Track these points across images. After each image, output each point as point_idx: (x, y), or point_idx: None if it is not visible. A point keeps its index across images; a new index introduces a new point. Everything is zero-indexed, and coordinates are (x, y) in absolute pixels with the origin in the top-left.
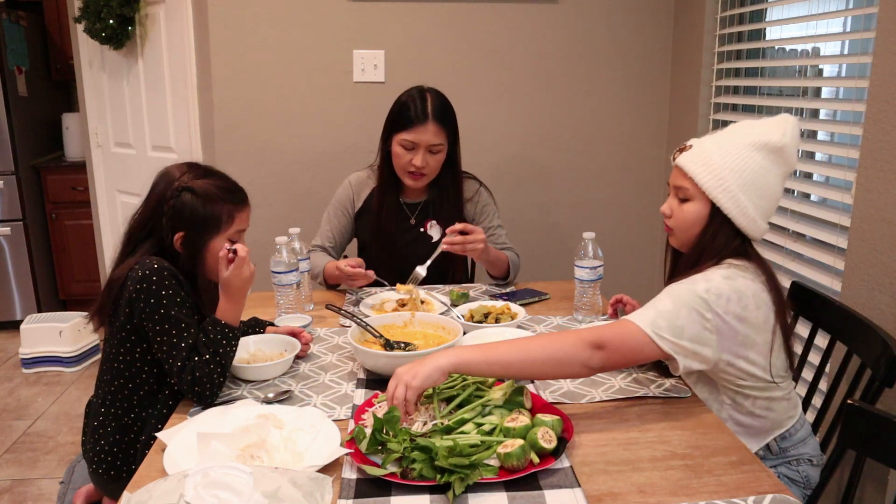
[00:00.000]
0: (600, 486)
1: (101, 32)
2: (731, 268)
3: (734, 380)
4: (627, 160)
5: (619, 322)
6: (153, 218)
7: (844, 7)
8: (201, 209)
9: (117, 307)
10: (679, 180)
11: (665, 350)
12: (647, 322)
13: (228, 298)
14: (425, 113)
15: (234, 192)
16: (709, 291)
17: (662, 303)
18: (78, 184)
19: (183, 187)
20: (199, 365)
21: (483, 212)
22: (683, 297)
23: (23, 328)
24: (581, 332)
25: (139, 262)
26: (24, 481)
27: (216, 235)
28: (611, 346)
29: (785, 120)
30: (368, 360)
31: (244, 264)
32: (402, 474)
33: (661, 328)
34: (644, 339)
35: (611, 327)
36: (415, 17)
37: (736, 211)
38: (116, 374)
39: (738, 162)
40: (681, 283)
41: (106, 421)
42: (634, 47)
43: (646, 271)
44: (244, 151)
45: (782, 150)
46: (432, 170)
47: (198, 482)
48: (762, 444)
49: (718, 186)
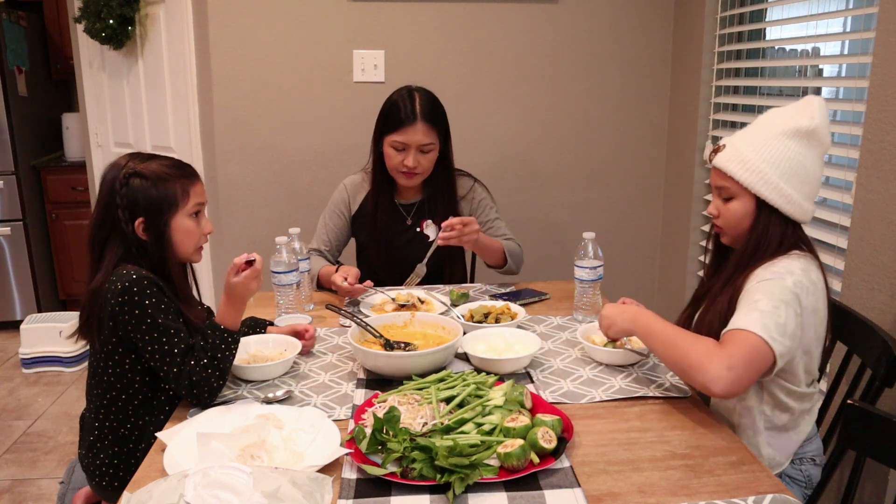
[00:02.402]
0: (600, 486)
1: (101, 32)
2: (803, 258)
3: (785, 381)
4: (627, 160)
5: (737, 335)
6: (108, 213)
7: (844, 7)
8: (154, 191)
9: (101, 321)
10: (719, 181)
11: (776, 351)
12: (758, 326)
13: (231, 304)
14: (414, 113)
15: (183, 168)
16: (796, 285)
17: (762, 303)
18: (78, 184)
19: (130, 173)
20: (195, 369)
21: (479, 207)
22: (778, 293)
23: (23, 328)
24: (722, 353)
25: (115, 274)
26: (24, 481)
27: (175, 213)
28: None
29: (809, 102)
30: (368, 360)
31: (257, 276)
32: (402, 474)
33: (770, 329)
34: (762, 346)
35: (738, 345)
36: (415, 17)
37: (781, 200)
38: (108, 386)
39: (772, 153)
40: (767, 281)
41: (102, 434)
42: (634, 47)
43: (646, 271)
44: (244, 151)
45: (814, 132)
46: (425, 169)
47: (198, 482)
48: (790, 457)
49: (759, 180)
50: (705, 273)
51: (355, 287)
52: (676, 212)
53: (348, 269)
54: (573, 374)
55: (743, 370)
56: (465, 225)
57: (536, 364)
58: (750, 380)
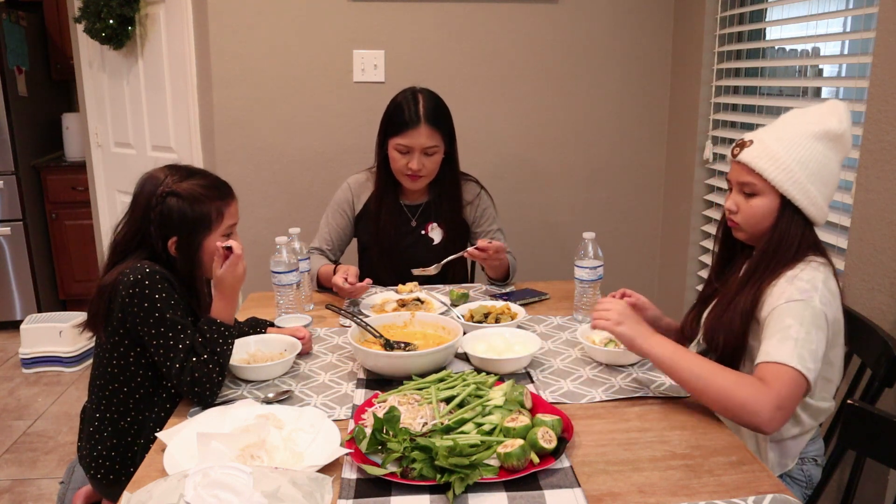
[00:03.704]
0: (600, 486)
1: (101, 32)
2: (822, 267)
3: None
4: (627, 160)
5: (777, 370)
6: (141, 228)
7: (844, 7)
8: (189, 211)
9: (110, 313)
10: (744, 176)
11: (810, 380)
12: (795, 359)
13: (222, 296)
14: (418, 116)
15: (219, 188)
16: (822, 302)
17: (794, 330)
18: (78, 184)
19: (167, 192)
20: (197, 366)
21: (483, 215)
22: (809, 318)
23: (23, 328)
24: (769, 393)
25: (130, 267)
26: (24, 481)
27: (209, 234)
28: (788, 404)
29: (836, 105)
30: (368, 360)
31: (239, 261)
32: (402, 474)
33: (805, 359)
34: (800, 379)
35: (782, 382)
36: (415, 17)
37: (806, 201)
38: (110, 378)
39: (802, 153)
40: (796, 302)
41: (101, 426)
42: (634, 47)
43: (646, 271)
44: (244, 151)
45: (842, 136)
46: (430, 171)
47: (198, 482)
48: (794, 459)
49: (788, 180)
50: (712, 270)
51: (356, 286)
52: (676, 212)
53: (347, 269)
54: (573, 374)
55: (790, 407)
56: (497, 251)
57: (536, 364)
58: (793, 411)
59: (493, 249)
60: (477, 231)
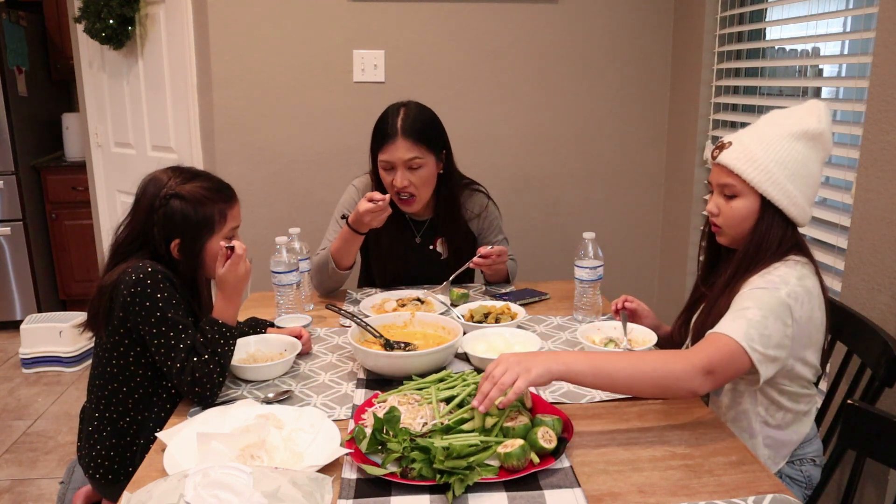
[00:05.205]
0: (600, 486)
1: (101, 32)
2: (799, 265)
3: (781, 384)
4: (627, 160)
5: (718, 339)
6: (143, 230)
7: (844, 7)
8: (192, 214)
9: (110, 312)
10: (724, 178)
11: (754, 361)
12: (741, 334)
13: (224, 296)
14: (394, 129)
15: (223, 191)
16: (790, 296)
17: (751, 312)
18: (78, 184)
19: (171, 194)
20: (198, 365)
21: (490, 227)
22: (769, 304)
23: (23, 328)
24: (692, 358)
25: (132, 266)
26: (24, 481)
27: (211, 237)
28: (719, 370)
29: (815, 105)
30: (368, 360)
31: (240, 261)
32: (401, 474)
33: (753, 339)
34: (741, 353)
35: (716, 349)
36: (415, 17)
37: (787, 201)
38: (110, 378)
39: (781, 153)
40: (761, 290)
41: (101, 425)
42: (634, 47)
43: (646, 271)
44: (244, 151)
45: (821, 135)
46: (419, 188)
47: (198, 482)
48: (786, 457)
49: (767, 180)
50: (698, 276)
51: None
52: (676, 212)
53: (372, 195)
54: None
55: (721, 374)
56: (499, 255)
57: None
58: (725, 378)
59: (495, 254)
60: (483, 242)
